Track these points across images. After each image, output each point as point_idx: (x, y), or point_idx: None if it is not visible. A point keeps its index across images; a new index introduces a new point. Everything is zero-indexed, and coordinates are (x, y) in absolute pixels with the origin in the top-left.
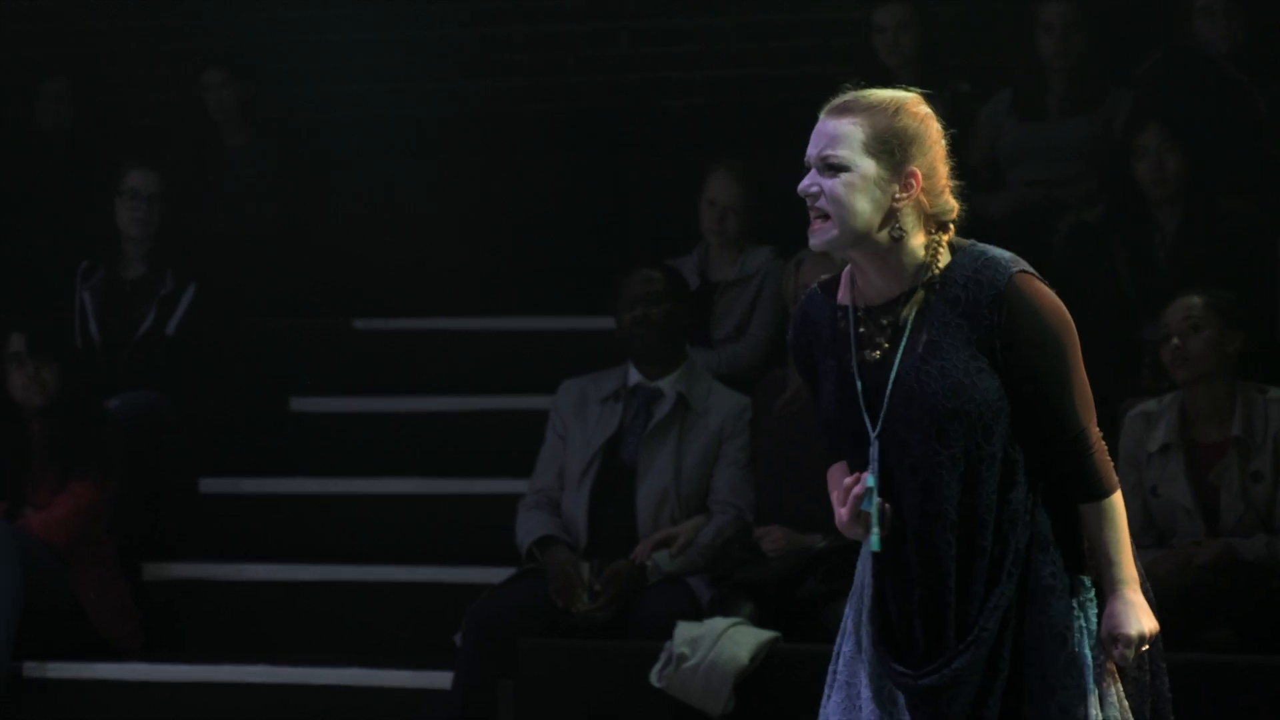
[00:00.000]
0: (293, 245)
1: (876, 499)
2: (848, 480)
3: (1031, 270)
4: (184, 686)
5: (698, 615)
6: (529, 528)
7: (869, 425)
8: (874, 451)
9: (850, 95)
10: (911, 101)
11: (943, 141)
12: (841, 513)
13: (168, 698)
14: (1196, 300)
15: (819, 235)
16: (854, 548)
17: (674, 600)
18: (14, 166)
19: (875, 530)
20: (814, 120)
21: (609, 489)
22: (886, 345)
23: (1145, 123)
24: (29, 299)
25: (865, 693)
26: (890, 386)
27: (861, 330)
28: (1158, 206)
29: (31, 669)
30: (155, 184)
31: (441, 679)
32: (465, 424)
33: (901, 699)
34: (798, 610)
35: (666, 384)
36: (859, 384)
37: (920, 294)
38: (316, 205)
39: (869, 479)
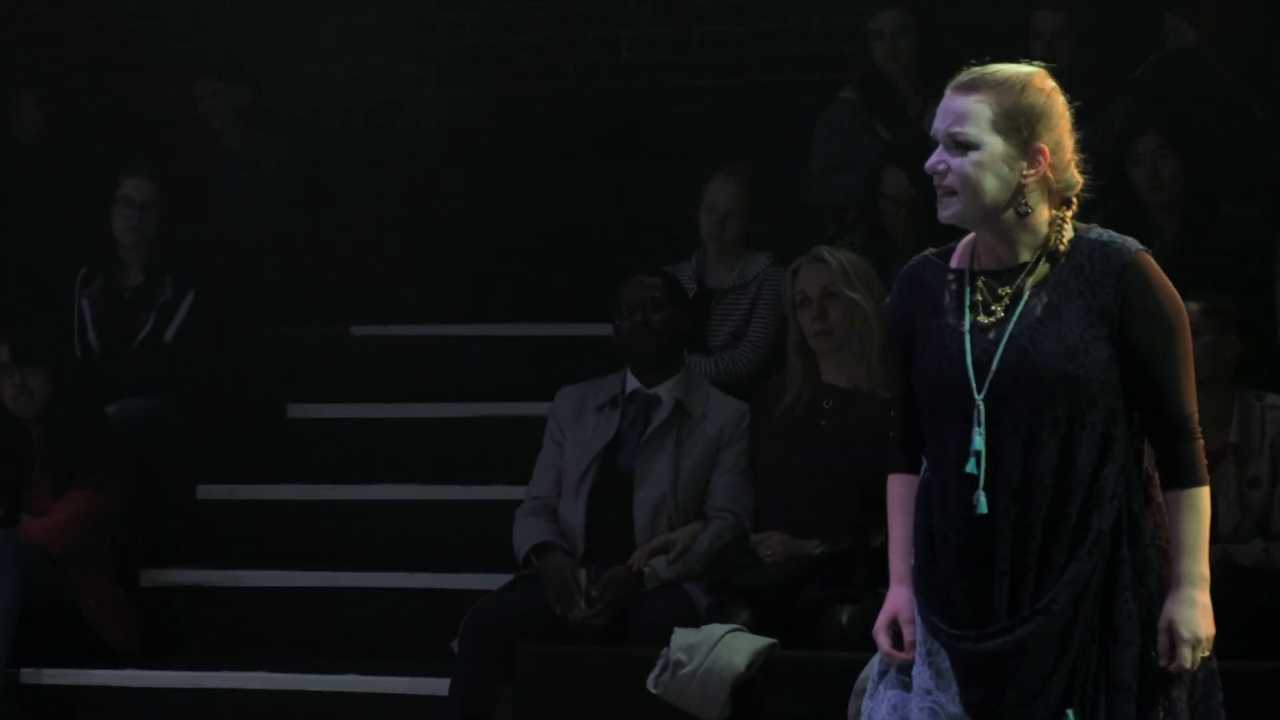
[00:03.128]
0: (291, 251)
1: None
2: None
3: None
4: (181, 692)
5: (695, 622)
6: (526, 534)
7: (974, 386)
8: (978, 413)
9: (976, 71)
10: (1038, 76)
11: (1068, 115)
12: (882, 640)
13: (165, 704)
14: (1194, 306)
15: (946, 209)
16: (850, 554)
17: (671, 607)
18: (10, 173)
19: (981, 493)
20: (810, 127)
21: (606, 495)
22: (1002, 313)
23: (1141, 129)
24: (17, 307)
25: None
26: (1002, 346)
27: (978, 297)
28: (1156, 212)
29: (28, 675)
30: (150, 191)
31: (439, 685)
32: (463, 430)
33: (950, 674)
34: (795, 617)
35: (664, 390)
36: (968, 344)
37: (1045, 264)
38: (315, 211)
39: (976, 441)
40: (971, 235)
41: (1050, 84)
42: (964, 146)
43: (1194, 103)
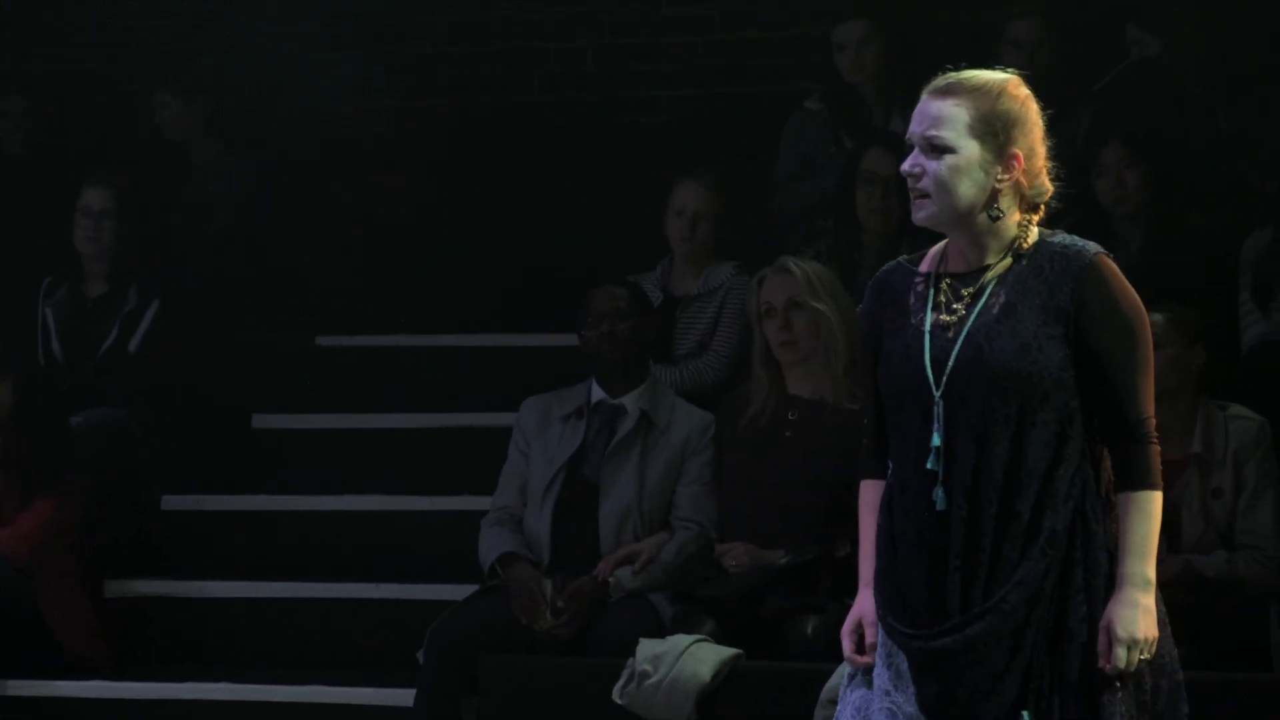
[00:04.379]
0: (256, 262)
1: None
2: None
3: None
4: (147, 704)
5: (660, 632)
6: (491, 544)
7: (932, 384)
8: (938, 410)
9: (953, 77)
10: (1012, 83)
11: (1041, 122)
12: (847, 644)
13: (131, 714)
14: (1158, 318)
15: (920, 212)
16: (814, 565)
17: (636, 617)
18: None
19: (940, 489)
20: (776, 138)
21: (572, 506)
22: (963, 311)
23: (1105, 139)
24: None
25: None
26: (959, 344)
27: (941, 298)
28: (1120, 223)
29: None
30: (108, 200)
31: (404, 696)
32: (428, 441)
33: (909, 675)
34: (760, 627)
35: (629, 400)
36: (927, 342)
37: (1006, 260)
38: (280, 221)
39: (935, 438)
40: (944, 241)
41: (1024, 91)
42: (940, 150)
43: (1158, 113)
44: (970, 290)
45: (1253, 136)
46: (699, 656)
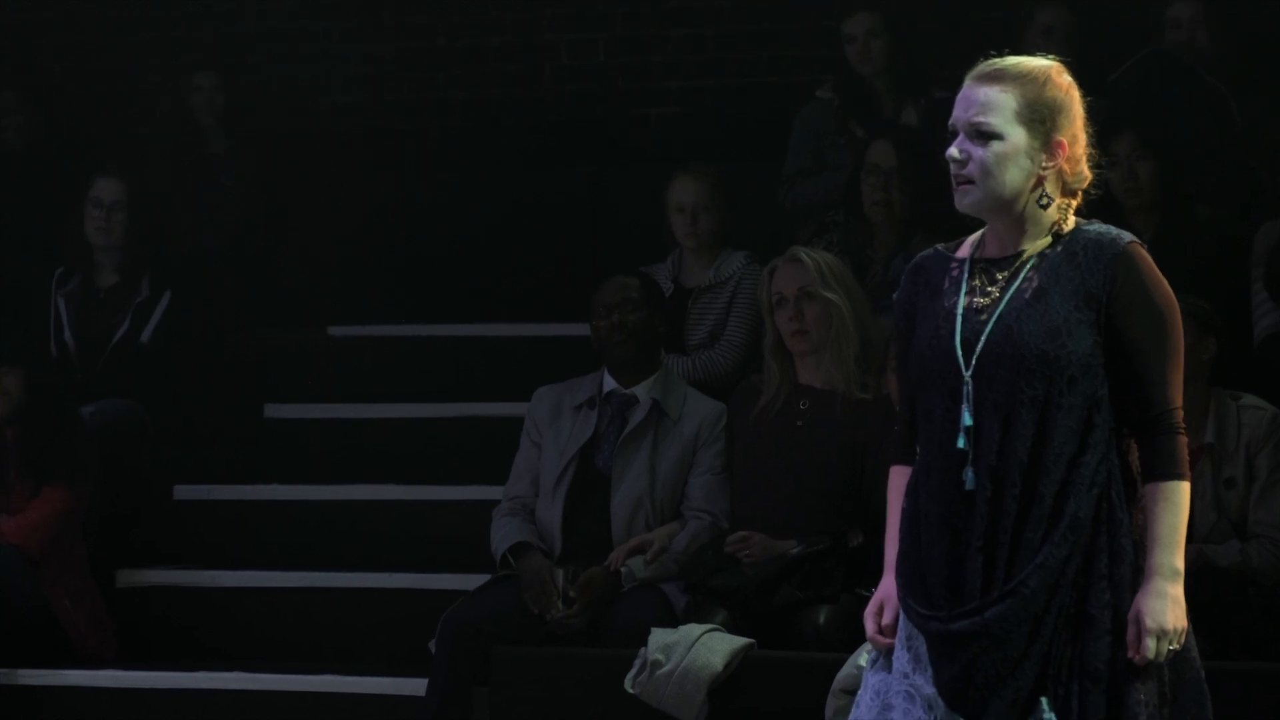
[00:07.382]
0: (268, 252)
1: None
2: (878, 624)
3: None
4: (157, 693)
5: (672, 622)
6: (503, 534)
7: (962, 364)
8: (967, 390)
9: (998, 63)
10: (1055, 70)
11: (1082, 110)
12: (870, 625)
13: (141, 704)
14: None
15: (965, 198)
16: (827, 555)
17: (648, 607)
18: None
19: (970, 468)
20: (787, 129)
21: (583, 496)
22: (996, 294)
23: (1118, 131)
24: None
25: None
26: (990, 326)
27: (976, 281)
28: (1132, 215)
29: (3, 675)
30: (119, 192)
31: (416, 685)
32: (440, 430)
33: (927, 658)
34: (772, 617)
35: (641, 391)
36: (959, 324)
37: (1044, 240)
38: (292, 212)
39: (965, 417)
40: (982, 229)
41: (1068, 79)
42: (987, 136)
43: (1172, 105)
44: (1005, 274)
45: (1265, 128)
46: (711, 646)
